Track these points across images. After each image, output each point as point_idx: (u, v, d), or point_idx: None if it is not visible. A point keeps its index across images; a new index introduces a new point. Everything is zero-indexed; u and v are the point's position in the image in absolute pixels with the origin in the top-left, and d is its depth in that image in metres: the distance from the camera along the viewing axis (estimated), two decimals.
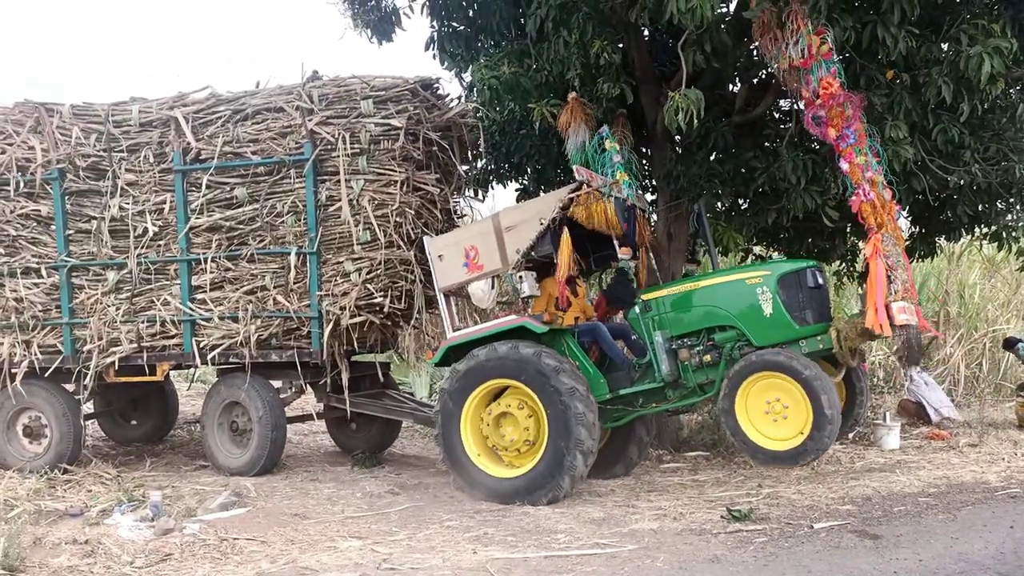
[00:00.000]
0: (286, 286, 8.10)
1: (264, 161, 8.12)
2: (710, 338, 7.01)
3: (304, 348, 8.18)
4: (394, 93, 7.91)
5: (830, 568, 4.94)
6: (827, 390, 6.18)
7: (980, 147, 8.27)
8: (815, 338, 6.71)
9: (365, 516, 6.74)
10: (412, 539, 5.97)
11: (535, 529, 6.15)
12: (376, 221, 7.85)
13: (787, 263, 7.45)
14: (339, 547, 5.79)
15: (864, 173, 6.75)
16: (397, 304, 8.07)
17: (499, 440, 7.07)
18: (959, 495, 6.85)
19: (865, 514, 6.29)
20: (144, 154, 8.42)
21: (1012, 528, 5.70)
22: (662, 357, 7.02)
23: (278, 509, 6.93)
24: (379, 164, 7.91)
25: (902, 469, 7.94)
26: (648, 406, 7.35)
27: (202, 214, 8.31)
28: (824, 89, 6.74)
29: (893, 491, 7.07)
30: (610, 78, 7.96)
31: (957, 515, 6.17)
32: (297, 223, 8.09)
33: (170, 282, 8.46)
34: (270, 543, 5.88)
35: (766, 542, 5.59)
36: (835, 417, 6.17)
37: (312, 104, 7.98)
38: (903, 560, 5.04)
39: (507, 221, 7.28)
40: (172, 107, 8.37)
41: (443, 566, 5.25)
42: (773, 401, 6.39)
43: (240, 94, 8.32)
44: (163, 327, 8.42)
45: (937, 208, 9.23)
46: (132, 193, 8.49)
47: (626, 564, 5.16)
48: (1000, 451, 8.68)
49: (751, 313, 6.79)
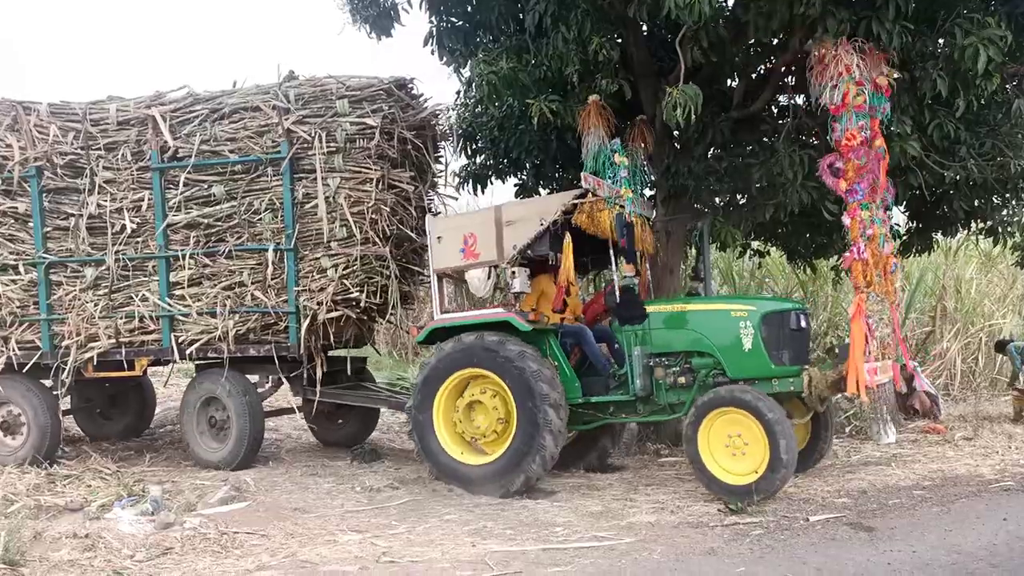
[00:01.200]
0: (264, 282, 8.23)
1: (241, 159, 8.25)
2: (687, 361, 7.15)
3: (282, 343, 8.31)
4: (369, 93, 8.10)
5: (825, 560, 4.98)
6: (787, 435, 6.31)
7: (976, 143, 8.31)
8: (787, 379, 6.81)
9: (364, 510, 6.79)
10: (411, 532, 6.01)
11: (533, 522, 6.19)
12: (352, 218, 8.02)
13: (774, 302, 7.64)
14: (339, 541, 5.83)
15: (865, 230, 6.80)
16: (373, 299, 8.20)
17: (472, 429, 7.25)
18: (953, 488, 6.90)
19: (860, 507, 6.34)
20: (122, 152, 8.56)
21: (1005, 520, 5.74)
22: (638, 372, 7.09)
23: (278, 503, 6.97)
24: (355, 162, 8.07)
25: (897, 463, 8.00)
26: (618, 415, 7.48)
27: (180, 211, 8.44)
28: (847, 141, 6.78)
29: (888, 484, 7.13)
30: (608, 74, 7.98)
31: (951, 508, 6.22)
32: (274, 220, 8.23)
33: (148, 278, 8.59)
34: (270, 537, 5.91)
35: (762, 535, 5.63)
36: (790, 462, 6.31)
37: (288, 103, 8.12)
38: (897, 552, 5.08)
39: (508, 215, 7.34)
40: (150, 106, 8.52)
41: (442, 559, 5.29)
42: (734, 436, 6.52)
43: (217, 93, 8.46)
44: (141, 323, 8.55)
45: (934, 203, 9.27)
46: (110, 190, 8.61)
47: (623, 557, 5.20)
48: (995, 444, 8.74)
49: (731, 345, 6.90)
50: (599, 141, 7.90)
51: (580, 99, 8.18)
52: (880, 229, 6.93)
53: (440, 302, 7.73)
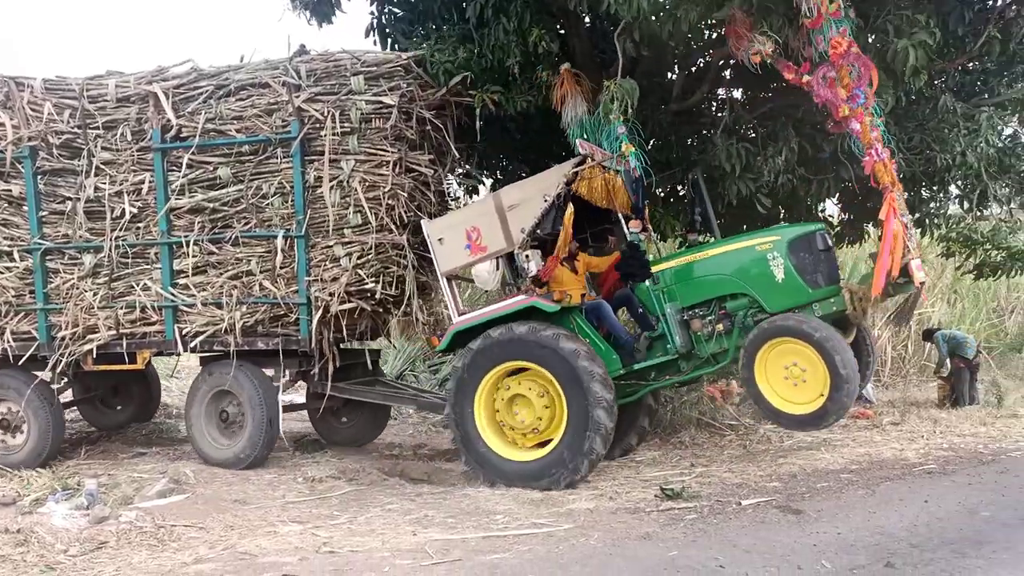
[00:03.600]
0: (273, 271, 7.80)
1: (249, 140, 7.81)
2: (722, 307, 6.94)
3: (292, 336, 7.88)
4: (386, 69, 7.63)
5: (755, 542, 5.14)
6: (840, 350, 6.15)
7: (905, 137, 8.60)
8: (828, 301, 6.67)
9: (306, 501, 6.78)
10: (353, 522, 6.03)
11: (475, 511, 6.26)
12: (367, 204, 7.57)
13: (796, 227, 7.23)
14: (279, 532, 5.82)
15: (872, 133, 6.67)
16: (389, 290, 7.76)
17: (513, 421, 6.98)
18: (879, 471, 7.15)
19: (790, 490, 6.54)
20: (121, 131, 8.09)
21: (926, 503, 5.99)
22: (675, 329, 6.93)
23: (218, 495, 6.91)
24: (370, 144, 7.65)
25: (827, 447, 8.25)
26: (661, 379, 7.30)
27: (183, 195, 7.99)
28: (834, 49, 6.63)
29: (817, 468, 7.36)
30: (549, 66, 8.04)
31: (876, 490, 6.45)
32: (284, 205, 7.79)
33: (150, 266, 8.16)
34: (209, 529, 5.88)
35: (696, 519, 5.78)
36: (851, 376, 6.12)
37: (299, 80, 7.67)
38: (823, 534, 5.27)
39: (509, 200, 7.09)
40: (151, 82, 8.01)
41: (382, 548, 5.32)
42: (791, 366, 6.36)
43: (223, 69, 7.97)
44: (143, 313, 8.11)
45: (864, 195, 9.55)
46: (109, 172, 8.14)
47: (561, 543, 5.30)
48: (920, 429, 9.08)
49: (763, 279, 6.74)
50: (581, 108, 7.74)
51: (522, 90, 8.20)
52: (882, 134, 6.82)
53: (455, 305, 7.42)
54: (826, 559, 4.79)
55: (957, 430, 8.99)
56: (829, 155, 8.51)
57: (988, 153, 8.83)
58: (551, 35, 7.82)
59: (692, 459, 7.92)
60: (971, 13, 8.36)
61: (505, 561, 4.94)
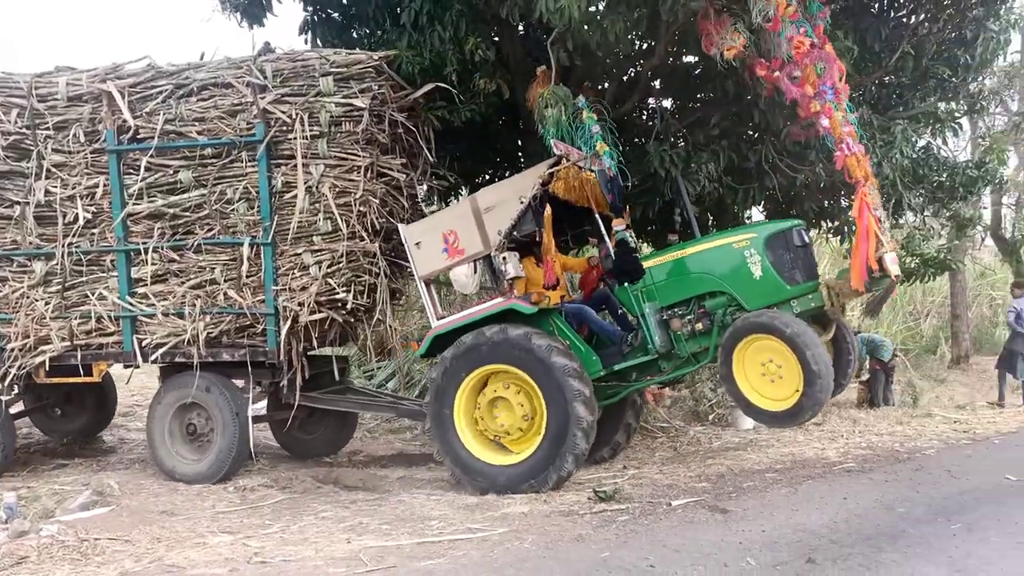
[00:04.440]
0: (238, 279, 7.52)
1: (212, 142, 7.51)
2: (701, 306, 6.90)
3: (259, 347, 7.60)
4: (357, 70, 7.39)
5: (684, 542, 5.27)
6: (811, 345, 6.12)
7: (824, 148, 8.90)
8: (806, 297, 6.65)
9: (237, 510, 6.67)
10: (285, 532, 5.96)
11: (410, 517, 6.26)
12: (338, 210, 7.34)
13: (772, 224, 7.21)
14: (208, 543, 5.71)
15: (843, 128, 6.68)
16: (361, 299, 7.54)
17: (494, 424, 6.92)
18: (802, 470, 7.41)
19: (718, 490, 6.72)
20: (73, 132, 7.74)
21: (846, 500, 6.22)
22: (654, 329, 6.88)
23: (144, 507, 6.75)
24: (340, 148, 7.41)
25: (753, 447, 8.51)
26: (642, 379, 7.26)
27: (141, 199, 7.66)
28: (796, 48, 6.72)
29: (744, 468, 7.59)
30: (486, 73, 8.09)
31: (798, 489, 6.67)
32: (250, 211, 7.52)
33: (106, 274, 7.82)
34: (135, 542, 5.73)
35: (628, 520, 5.89)
36: (823, 371, 6.10)
37: (265, 80, 7.40)
38: (748, 532, 5.44)
39: (485, 202, 7.01)
40: (105, 79, 7.67)
41: (316, 557, 5.28)
42: (767, 362, 6.35)
43: (183, 67, 7.66)
44: (99, 323, 7.77)
45: (787, 204, 9.88)
46: (60, 175, 7.79)
47: (496, 547, 5.34)
48: (840, 429, 9.44)
49: (741, 277, 6.70)
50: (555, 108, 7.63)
51: (462, 100, 8.21)
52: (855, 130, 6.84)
53: (434, 309, 7.31)
54: (751, 556, 4.94)
55: (875, 429, 9.38)
56: (755, 165, 8.78)
57: (903, 164, 9.25)
58: (487, 43, 7.87)
59: (624, 461, 8.07)
60: (887, 30, 8.76)
61: (440, 567, 4.96)
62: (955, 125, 10.21)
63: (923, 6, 9.02)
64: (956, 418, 10.22)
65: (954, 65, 9.26)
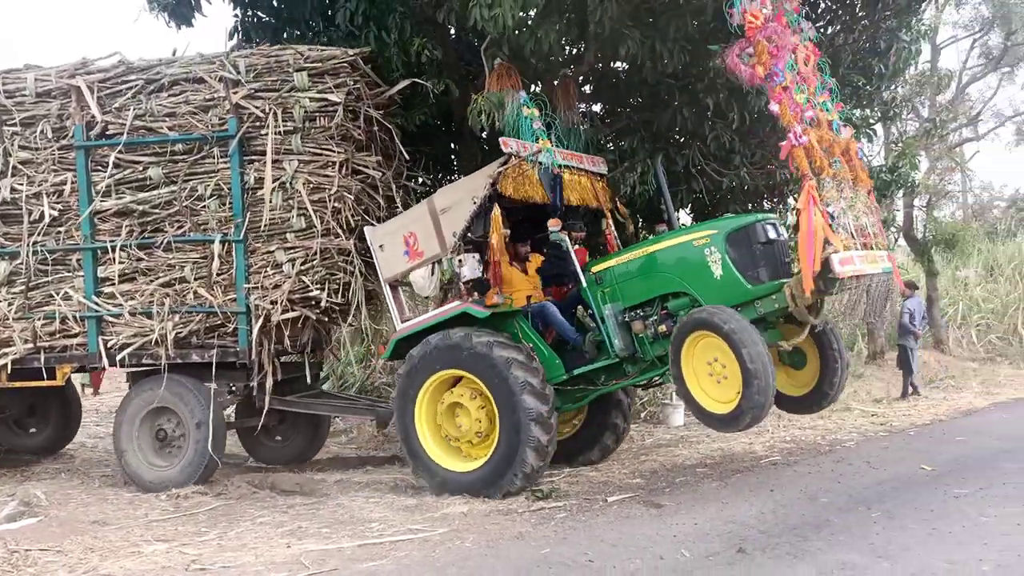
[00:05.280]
0: (208, 278, 7.38)
1: (183, 138, 7.40)
2: (663, 307, 6.58)
3: (230, 347, 7.45)
4: (331, 65, 7.33)
5: (620, 536, 5.43)
6: (748, 343, 5.70)
7: (748, 152, 9.24)
8: (770, 298, 6.20)
9: (171, 518, 6.57)
10: (223, 538, 5.91)
11: (349, 520, 6.27)
12: (312, 206, 7.26)
13: (735, 219, 6.82)
14: (143, 552, 5.63)
15: (802, 114, 6.08)
16: (335, 298, 7.42)
17: (454, 430, 6.84)
18: (731, 464, 7.69)
19: (652, 486, 6.93)
20: (41, 128, 7.55)
21: (772, 491, 6.50)
22: (614, 331, 6.60)
23: (74, 517, 6.61)
24: (315, 143, 7.35)
25: (684, 444, 8.78)
26: (610, 383, 6.95)
27: (109, 196, 7.50)
28: (751, 22, 6.10)
29: (676, 464, 7.83)
30: (433, 74, 8.11)
31: (728, 482, 6.92)
32: (221, 208, 7.41)
33: (72, 274, 7.64)
34: (67, 552, 5.61)
35: (565, 517, 6.03)
36: (760, 371, 5.67)
37: (238, 75, 7.30)
38: (681, 525, 5.63)
39: (441, 203, 6.94)
40: (73, 75, 7.50)
41: (256, 562, 5.25)
42: (712, 362, 5.99)
43: (154, 62, 7.53)
44: (64, 324, 7.56)
45: (713, 207, 10.17)
46: (26, 173, 7.59)
47: (437, 547, 5.41)
48: (766, 424, 9.74)
49: (701, 276, 6.34)
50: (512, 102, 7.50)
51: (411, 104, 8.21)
52: (828, 115, 6.33)
53: (399, 312, 7.23)
54: (685, 548, 5.12)
55: (798, 424, 9.75)
56: (682, 168, 9.02)
57: None
58: (432, 44, 7.86)
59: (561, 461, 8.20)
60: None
61: (382, 568, 5.00)
62: (870, 131, 10.63)
63: (839, 18, 9.41)
64: (873, 412, 10.68)
65: (868, 74, 9.66)
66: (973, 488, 6.42)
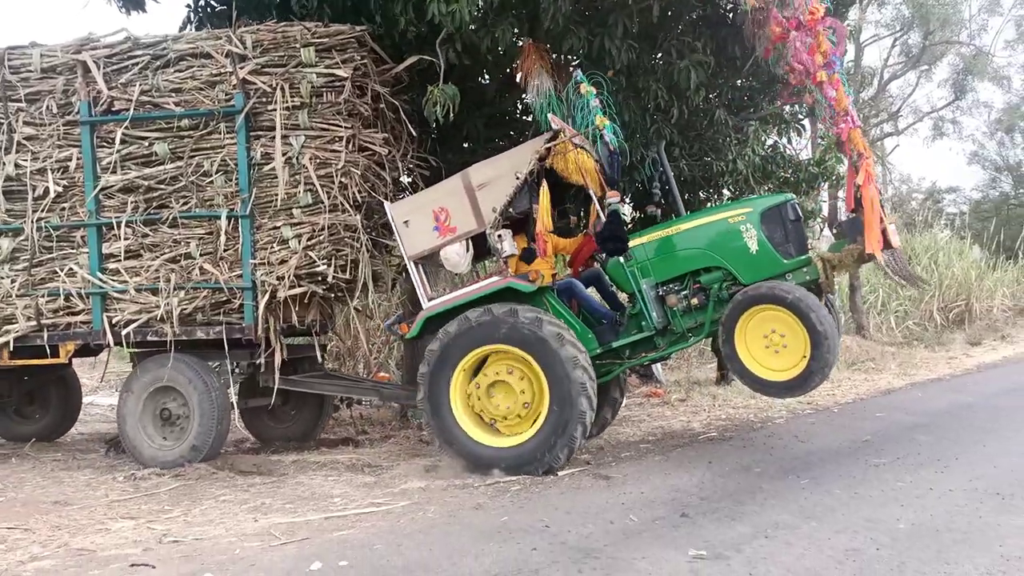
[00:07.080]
0: (215, 253, 7.35)
1: (189, 113, 7.36)
2: (696, 281, 6.89)
3: (235, 324, 7.43)
4: (339, 40, 7.33)
5: (573, 505, 5.80)
6: (815, 307, 6.13)
7: (687, 145, 9.70)
8: (801, 270, 6.68)
9: (133, 498, 6.68)
10: (188, 515, 6.07)
11: (311, 496, 6.50)
12: (319, 182, 7.24)
13: (766, 199, 7.13)
14: (111, 528, 5.75)
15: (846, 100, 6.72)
16: (342, 274, 7.40)
17: (490, 407, 6.82)
18: (671, 440, 8.16)
19: (599, 460, 7.33)
20: (46, 104, 7.48)
21: (710, 464, 6.96)
22: (652, 305, 6.85)
23: (34, 498, 6.67)
24: (322, 119, 7.31)
25: (627, 423, 9.21)
26: (636, 356, 7.18)
27: (115, 172, 7.44)
28: (811, 16, 6.70)
29: (620, 440, 8.26)
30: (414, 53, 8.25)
31: (670, 456, 7.37)
32: (228, 183, 7.36)
33: (76, 250, 7.57)
34: (34, 530, 5.70)
35: (520, 490, 6.37)
36: (829, 332, 6.11)
37: (244, 50, 7.28)
38: (629, 494, 6.03)
39: (479, 178, 6.89)
40: (79, 50, 7.43)
41: (227, 534, 5.45)
42: (770, 333, 6.34)
43: (160, 38, 7.47)
44: (68, 301, 7.51)
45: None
46: (31, 148, 7.52)
47: (401, 517, 5.70)
48: (703, 404, 10.32)
49: (737, 252, 6.71)
50: (546, 83, 7.65)
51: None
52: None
53: (424, 289, 7.17)
54: (633, 514, 5.52)
55: (732, 403, 10.31)
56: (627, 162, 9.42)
57: (754, 161, 10.18)
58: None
59: None
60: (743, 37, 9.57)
61: (353, 536, 5.27)
62: (799, 126, 11.23)
63: None
64: None
65: None
66: (891, 457, 7.00)
